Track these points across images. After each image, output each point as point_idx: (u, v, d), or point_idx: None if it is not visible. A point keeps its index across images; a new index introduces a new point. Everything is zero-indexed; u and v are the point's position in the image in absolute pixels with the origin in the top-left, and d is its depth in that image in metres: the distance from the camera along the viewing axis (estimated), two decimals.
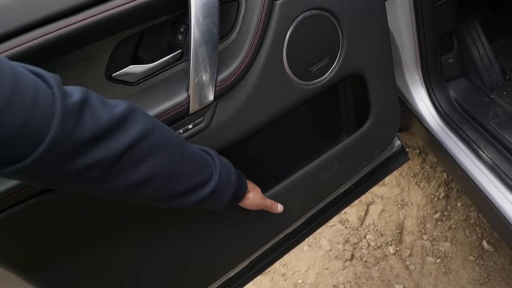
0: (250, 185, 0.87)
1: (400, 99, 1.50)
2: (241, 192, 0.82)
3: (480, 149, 1.13)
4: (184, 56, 0.81)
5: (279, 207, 0.95)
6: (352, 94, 1.12)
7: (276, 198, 0.99)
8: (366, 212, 1.81)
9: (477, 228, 1.59)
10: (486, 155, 1.11)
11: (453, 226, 1.63)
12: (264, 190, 0.99)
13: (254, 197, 0.86)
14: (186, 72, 0.76)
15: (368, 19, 0.93)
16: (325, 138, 1.18)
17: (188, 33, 0.73)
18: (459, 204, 1.69)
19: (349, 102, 1.14)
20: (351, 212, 1.81)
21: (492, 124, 1.16)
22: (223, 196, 0.75)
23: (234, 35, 0.80)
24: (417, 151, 1.96)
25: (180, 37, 0.81)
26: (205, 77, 0.75)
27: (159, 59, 0.80)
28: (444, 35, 1.27)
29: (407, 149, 2.01)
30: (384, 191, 1.86)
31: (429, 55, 1.27)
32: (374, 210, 1.81)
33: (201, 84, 0.76)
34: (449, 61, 1.32)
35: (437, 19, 1.20)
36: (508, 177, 1.02)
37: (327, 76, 0.92)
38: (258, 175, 0.94)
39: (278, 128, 0.98)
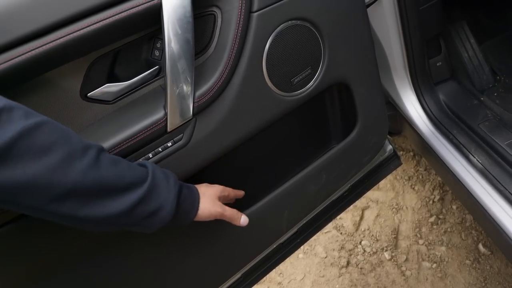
0: (202, 188, 0.77)
1: (390, 103, 1.49)
2: (189, 203, 0.73)
3: (470, 153, 1.12)
4: (162, 72, 0.80)
5: (243, 219, 0.84)
6: (339, 101, 1.11)
7: (263, 212, 0.98)
8: (361, 217, 1.79)
9: (473, 231, 1.57)
10: (477, 159, 1.09)
11: (449, 229, 1.61)
12: (250, 204, 0.97)
13: (203, 206, 0.75)
14: (164, 88, 0.74)
15: (349, 27, 0.92)
16: (313, 146, 1.16)
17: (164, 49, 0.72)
18: (454, 206, 1.67)
19: (335, 109, 1.13)
20: (346, 218, 1.79)
21: (482, 127, 1.15)
22: (160, 205, 0.65)
23: (211, 49, 0.79)
24: (411, 153, 1.94)
25: (157, 52, 0.79)
26: (182, 93, 0.74)
27: (136, 76, 0.78)
28: (431, 38, 1.25)
29: (401, 152, 1.99)
30: (379, 196, 1.84)
31: (416, 59, 1.26)
32: (369, 215, 1.79)
33: (178, 100, 0.74)
34: (438, 64, 1.31)
35: (423, 22, 1.18)
36: (499, 182, 1.00)
37: (310, 87, 0.90)
38: (244, 188, 0.92)
39: (262, 140, 0.96)
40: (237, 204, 1.02)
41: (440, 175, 1.48)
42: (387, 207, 1.79)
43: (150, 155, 0.76)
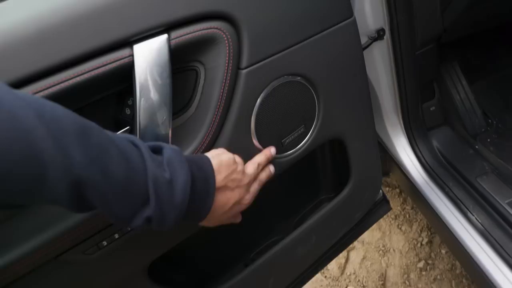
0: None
1: (379, 144, 1.41)
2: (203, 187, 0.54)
3: (469, 210, 1.04)
4: (133, 133, 0.68)
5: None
6: (331, 154, 1.02)
7: (248, 281, 0.87)
8: (347, 260, 1.70)
9: (464, 280, 1.50)
10: (476, 218, 1.02)
11: (438, 277, 1.53)
12: (233, 273, 0.86)
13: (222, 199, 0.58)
14: None
15: (347, 80, 0.83)
16: (301, 200, 1.06)
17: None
18: (443, 251, 1.60)
19: (327, 162, 1.04)
20: None
21: (480, 181, 1.08)
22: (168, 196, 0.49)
23: (192, 109, 0.68)
24: (397, 190, 1.88)
25: (128, 111, 0.68)
26: None
27: None
28: (426, 82, 1.19)
29: (386, 188, 1.93)
30: (365, 235, 1.75)
31: (410, 104, 1.19)
32: (355, 257, 1.70)
33: None
34: (431, 108, 1.24)
35: (419, 67, 1.11)
36: (502, 248, 0.93)
37: (302, 146, 0.81)
38: (226, 253, 0.81)
39: None
40: (216, 277, 0.91)
41: (434, 226, 1.41)
42: (374, 249, 1.71)
43: (116, 235, 0.64)
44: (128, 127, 0.67)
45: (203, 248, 0.92)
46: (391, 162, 1.39)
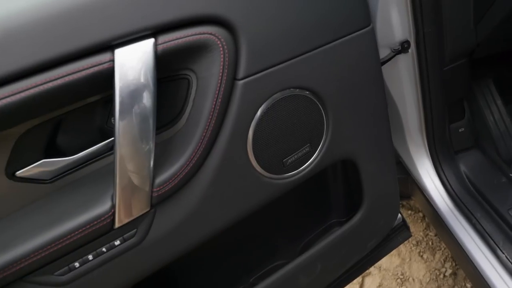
0: None
1: (401, 163, 1.31)
2: None
3: (498, 247, 0.93)
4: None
5: None
6: (343, 174, 0.93)
7: None
8: (361, 286, 1.58)
9: None
10: (506, 256, 0.90)
11: None
12: None
13: None
14: (114, 172, 0.57)
15: (360, 94, 0.75)
16: (309, 222, 0.98)
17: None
18: (468, 285, 1.47)
19: (339, 183, 0.95)
20: None
21: None
22: None
23: (182, 122, 0.62)
24: (420, 214, 1.75)
25: (113, 120, 0.62)
26: (136, 180, 0.56)
27: (86, 149, 0.61)
28: (454, 101, 1.08)
29: (408, 212, 1.80)
30: (382, 261, 1.63)
31: (436, 124, 1.08)
32: (370, 283, 1.58)
33: (131, 188, 0.57)
34: (460, 130, 1.13)
35: (446, 85, 1.01)
36: None
37: (307, 167, 0.73)
38: (224, 275, 0.74)
39: (244, 222, 0.79)
40: None
41: (457, 259, 1.28)
42: (391, 276, 1.58)
43: (90, 256, 0.58)
44: (112, 138, 0.62)
45: (197, 269, 0.85)
46: (413, 185, 1.28)
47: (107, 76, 0.52)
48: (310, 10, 0.64)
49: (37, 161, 0.58)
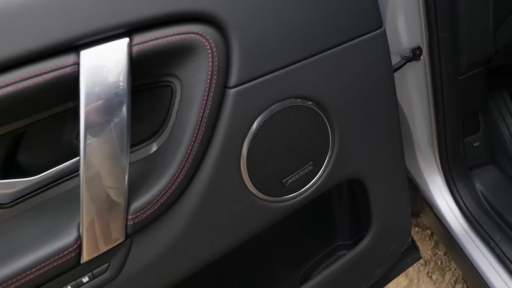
0: None
1: (409, 179, 1.22)
2: None
3: None
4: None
5: None
6: (348, 195, 0.84)
7: None
8: None
9: None
10: None
11: None
12: None
13: None
14: (80, 197, 0.48)
15: (371, 106, 0.66)
16: (311, 246, 0.89)
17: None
18: None
19: (343, 204, 0.86)
20: None
21: None
22: None
23: (163, 137, 0.53)
24: (428, 231, 1.65)
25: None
26: (107, 206, 0.47)
27: (51, 168, 0.52)
28: (469, 114, 0.99)
29: (416, 229, 1.70)
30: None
31: (449, 138, 0.99)
32: None
33: (101, 216, 0.48)
34: (474, 144, 1.04)
35: (462, 96, 0.92)
36: None
37: (310, 188, 0.64)
38: None
39: (240, 248, 0.69)
40: None
41: (473, 285, 1.19)
42: None
43: None
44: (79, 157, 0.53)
45: None
46: (422, 202, 1.19)
47: (71, 82, 0.43)
48: (314, 8, 0.55)
49: None
